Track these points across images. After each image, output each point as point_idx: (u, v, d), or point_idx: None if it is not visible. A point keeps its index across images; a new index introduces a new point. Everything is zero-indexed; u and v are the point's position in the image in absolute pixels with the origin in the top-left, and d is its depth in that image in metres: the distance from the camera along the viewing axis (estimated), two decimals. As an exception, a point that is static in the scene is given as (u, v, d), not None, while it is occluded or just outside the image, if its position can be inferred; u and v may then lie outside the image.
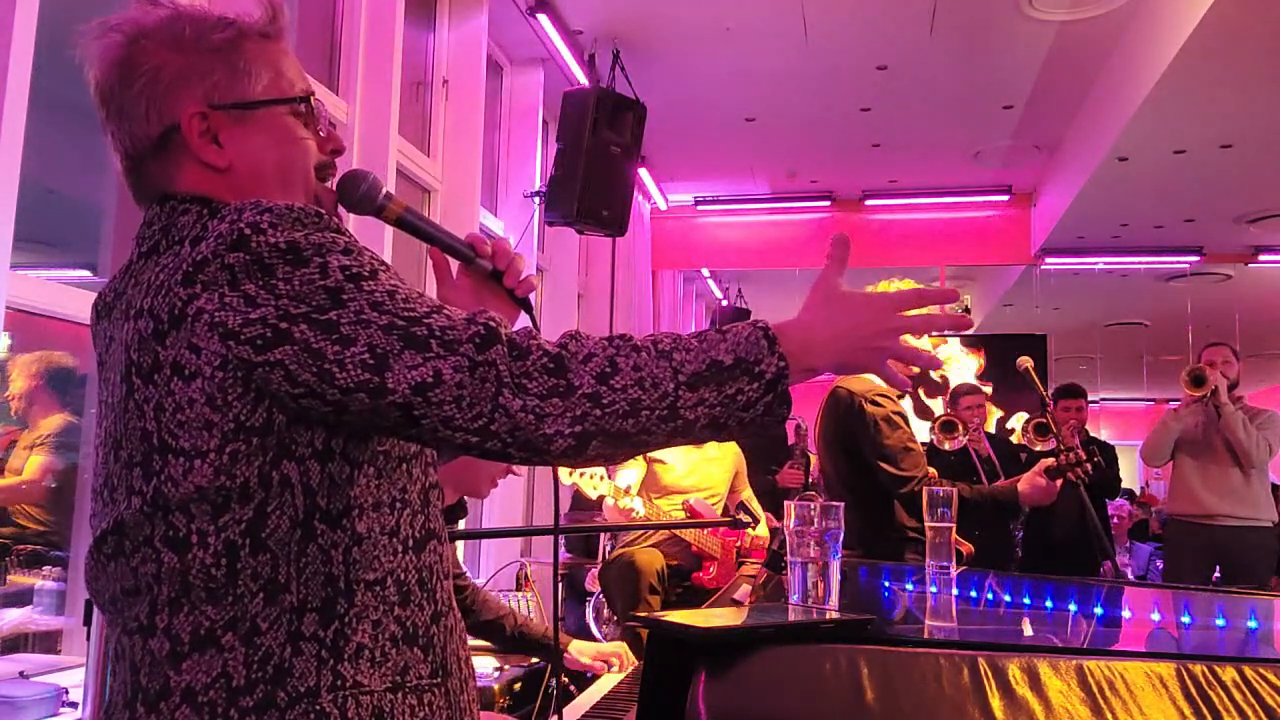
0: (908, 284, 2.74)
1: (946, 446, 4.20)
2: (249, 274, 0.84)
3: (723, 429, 0.89)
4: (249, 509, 0.86)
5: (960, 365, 6.81)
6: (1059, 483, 2.50)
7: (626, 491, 3.36)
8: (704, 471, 3.74)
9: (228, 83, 0.97)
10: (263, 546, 0.86)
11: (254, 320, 0.83)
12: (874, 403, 2.57)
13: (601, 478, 3.30)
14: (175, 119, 0.96)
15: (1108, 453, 4.95)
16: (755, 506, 3.92)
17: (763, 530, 3.72)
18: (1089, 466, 2.50)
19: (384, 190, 1.07)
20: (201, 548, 0.85)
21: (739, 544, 3.65)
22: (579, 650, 2.27)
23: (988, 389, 5.51)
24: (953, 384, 4.99)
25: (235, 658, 0.85)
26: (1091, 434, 5.38)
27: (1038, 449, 4.37)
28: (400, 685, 0.90)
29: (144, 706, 0.86)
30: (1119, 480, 5.61)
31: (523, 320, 1.10)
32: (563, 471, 3.27)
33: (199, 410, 0.85)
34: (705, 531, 3.59)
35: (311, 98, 1.02)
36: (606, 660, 2.26)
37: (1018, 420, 5.93)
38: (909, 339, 0.98)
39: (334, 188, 1.05)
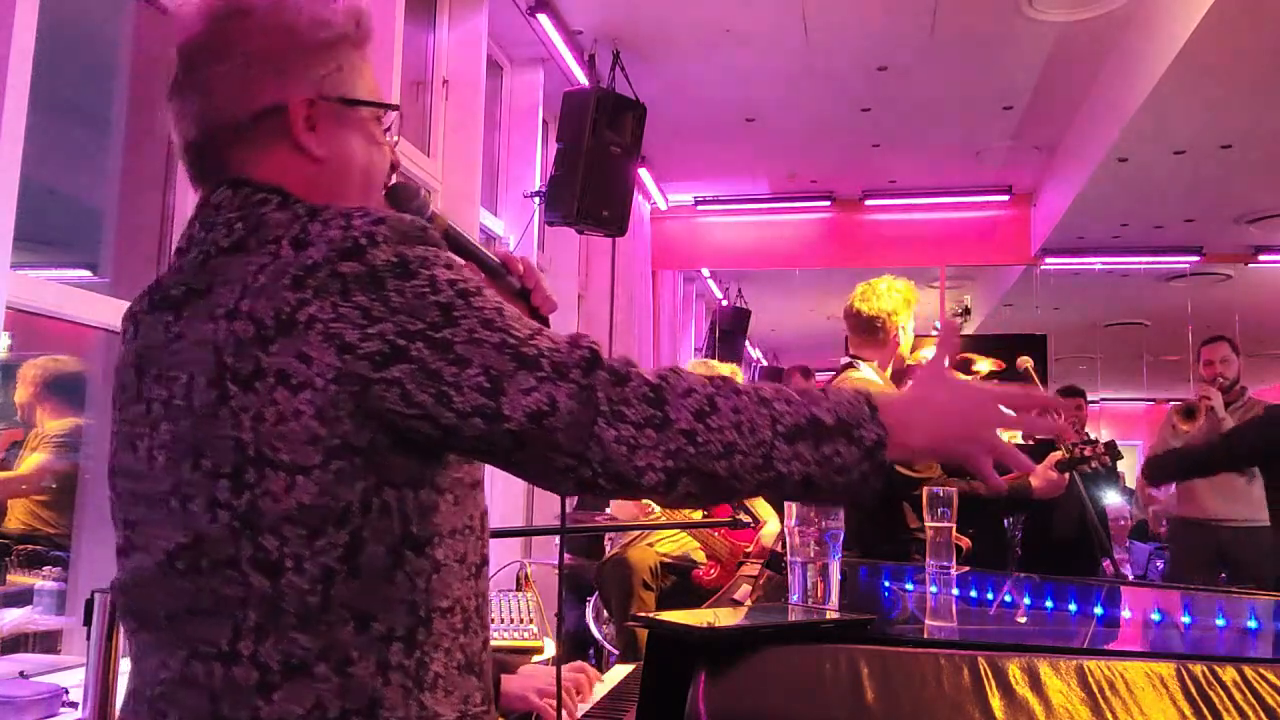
0: (908, 288, 2.74)
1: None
2: (361, 286, 0.82)
3: (816, 490, 0.87)
4: (344, 533, 0.83)
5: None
6: (1067, 475, 2.52)
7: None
8: None
9: (335, 78, 0.97)
10: (358, 573, 0.83)
11: (372, 335, 0.81)
12: None
13: None
14: (282, 101, 0.94)
15: (1110, 447, 4.94)
16: (759, 503, 3.90)
17: (773, 527, 3.71)
18: (1106, 460, 2.52)
19: (430, 206, 1.08)
20: (296, 573, 0.82)
21: (747, 548, 3.64)
22: (521, 688, 1.61)
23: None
24: None
25: (330, 688, 0.82)
26: (1091, 434, 5.38)
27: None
28: (465, 714, 0.90)
29: None
30: (1120, 477, 5.61)
31: None
32: None
33: (305, 423, 0.81)
34: (714, 535, 3.59)
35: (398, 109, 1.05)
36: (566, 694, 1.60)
37: None
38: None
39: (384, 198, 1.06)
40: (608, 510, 3.80)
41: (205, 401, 0.84)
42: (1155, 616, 1.48)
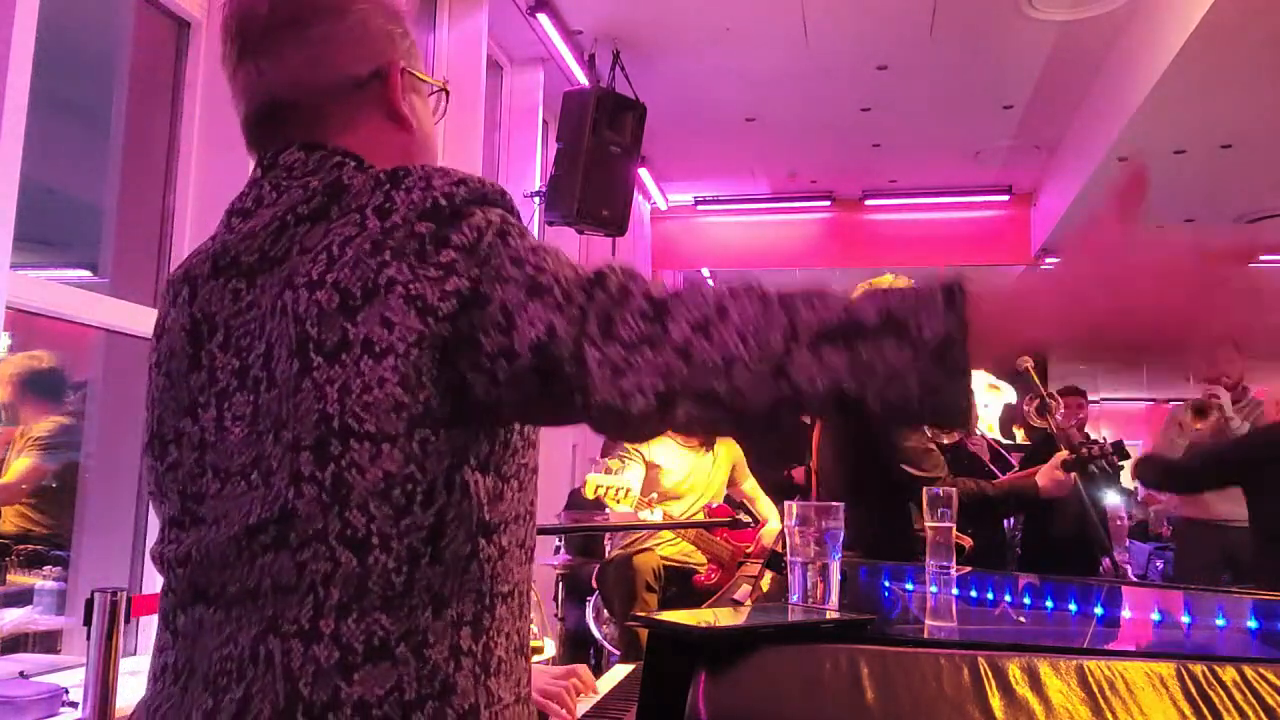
0: (890, 281, 2.73)
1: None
2: (437, 245, 0.80)
3: (856, 407, 0.69)
4: (430, 514, 0.81)
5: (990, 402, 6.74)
6: (1074, 476, 2.51)
7: (650, 504, 3.35)
8: (702, 473, 3.74)
9: (413, 51, 0.99)
10: (440, 557, 0.82)
11: (450, 293, 0.78)
12: None
13: (627, 493, 3.28)
14: (384, 66, 0.95)
15: (1116, 447, 4.93)
16: (761, 501, 3.91)
17: (774, 526, 3.71)
18: (1114, 460, 2.51)
19: None
20: (384, 551, 0.80)
21: (748, 549, 3.64)
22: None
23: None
24: (983, 421, 4.96)
25: (408, 671, 0.81)
26: (1092, 435, 5.38)
27: (1036, 423, 4.35)
28: (519, 697, 0.90)
29: (306, 717, 0.79)
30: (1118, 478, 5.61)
31: None
32: (588, 486, 3.26)
33: (389, 390, 0.78)
34: (716, 539, 3.59)
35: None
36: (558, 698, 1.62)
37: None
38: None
39: None
40: (606, 510, 3.80)
41: (287, 373, 0.81)
42: (1155, 616, 1.48)
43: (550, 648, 2.65)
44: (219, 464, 0.86)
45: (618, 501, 3.26)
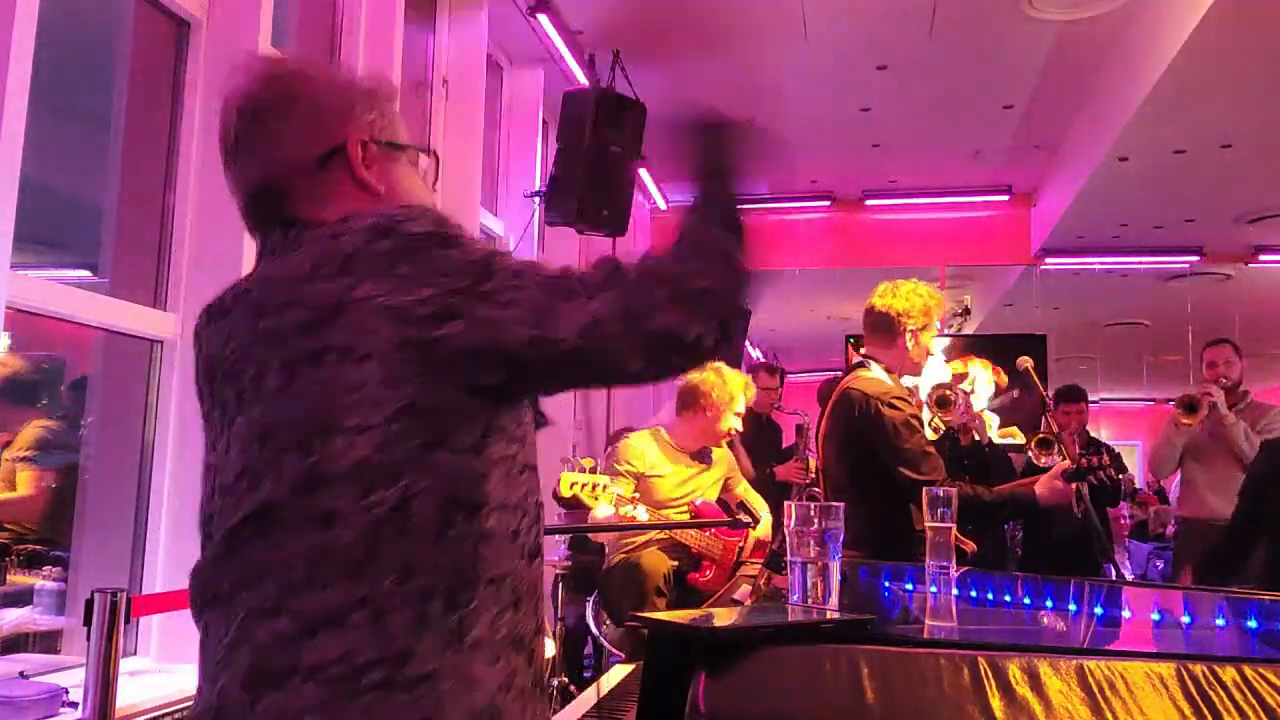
0: (929, 294, 2.72)
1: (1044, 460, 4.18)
2: (403, 257, 0.90)
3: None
4: (396, 489, 0.88)
5: (981, 384, 6.75)
6: (1074, 485, 2.50)
7: (633, 502, 3.32)
8: (696, 481, 3.73)
9: (380, 123, 1.08)
10: (405, 528, 0.88)
11: (425, 300, 0.89)
12: (891, 406, 2.54)
13: (604, 489, 3.25)
14: (340, 141, 1.05)
15: (1116, 460, 4.94)
16: (755, 499, 3.90)
17: (765, 526, 3.70)
18: (1111, 472, 2.50)
19: None
20: (345, 525, 0.87)
21: (741, 544, 3.63)
22: None
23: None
24: (975, 405, 4.96)
25: (362, 636, 0.86)
26: (1092, 434, 5.37)
27: (1041, 463, 4.36)
28: (508, 685, 0.92)
29: (267, 685, 0.86)
30: (1120, 488, 5.60)
31: None
32: (563, 484, 3.23)
33: (373, 389, 0.88)
34: (706, 534, 3.58)
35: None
36: None
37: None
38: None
39: None
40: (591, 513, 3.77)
41: (276, 385, 0.91)
42: (1155, 616, 1.48)
43: (550, 648, 2.65)
44: (221, 483, 0.95)
45: (595, 498, 3.21)
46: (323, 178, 1.04)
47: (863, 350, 2.78)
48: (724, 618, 1.10)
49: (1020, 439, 5.59)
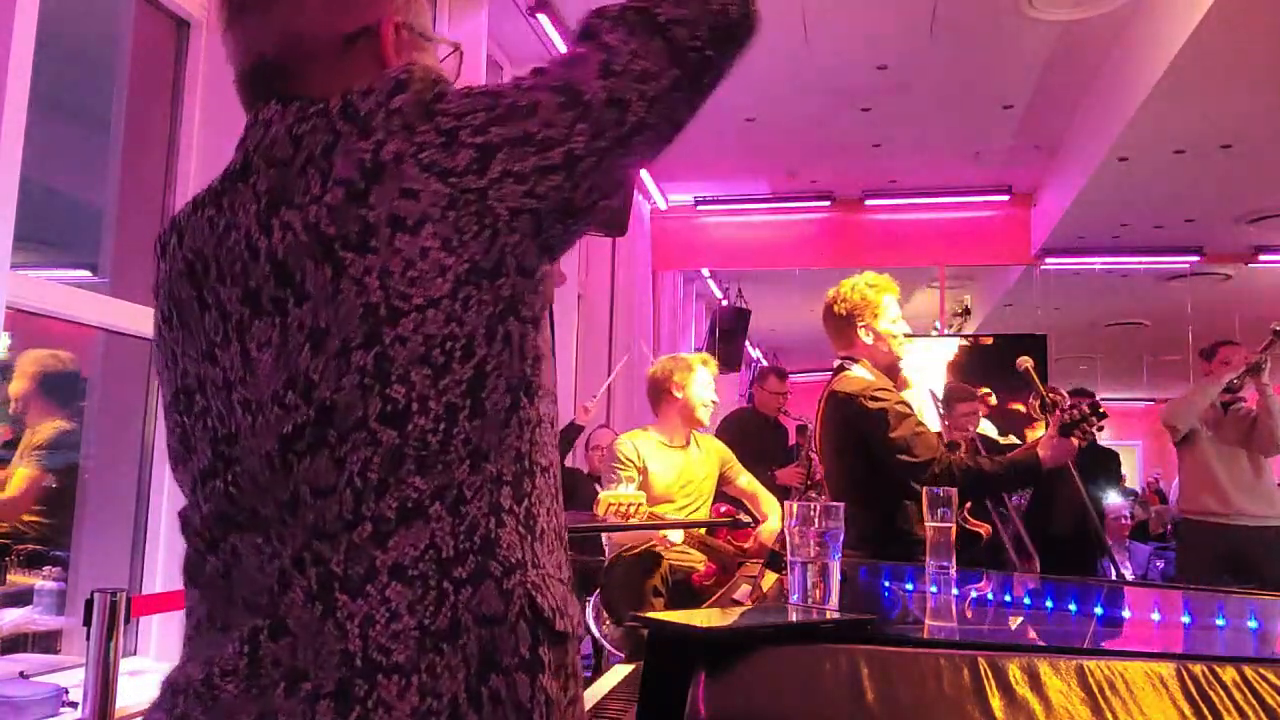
0: (873, 282, 2.73)
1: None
2: (419, 115, 0.82)
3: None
4: (469, 367, 0.80)
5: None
6: (1075, 440, 2.45)
7: (650, 517, 3.34)
8: (692, 474, 3.73)
9: (413, 9, 0.97)
10: (479, 410, 0.81)
11: (458, 149, 0.81)
12: (874, 398, 2.54)
13: (637, 508, 3.27)
14: (375, 20, 0.93)
15: (1113, 460, 4.94)
16: (762, 497, 3.88)
17: (774, 523, 3.69)
18: (1094, 421, 2.45)
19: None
20: (422, 414, 0.79)
21: (745, 545, 3.63)
22: None
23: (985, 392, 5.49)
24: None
25: (443, 528, 0.79)
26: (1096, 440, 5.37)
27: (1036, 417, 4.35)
28: (564, 581, 0.88)
29: (346, 594, 0.78)
30: (1121, 478, 5.61)
31: None
32: (601, 504, 3.26)
33: (434, 258, 0.79)
34: (715, 541, 3.59)
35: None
36: None
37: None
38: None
39: None
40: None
41: (319, 281, 0.80)
42: (1155, 616, 1.48)
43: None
44: (250, 397, 0.83)
45: (627, 519, 3.25)
46: (345, 59, 0.91)
47: (840, 354, 2.79)
48: (724, 618, 1.10)
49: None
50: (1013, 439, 5.80)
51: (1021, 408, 5.69)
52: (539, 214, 0.83)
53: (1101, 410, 2.49)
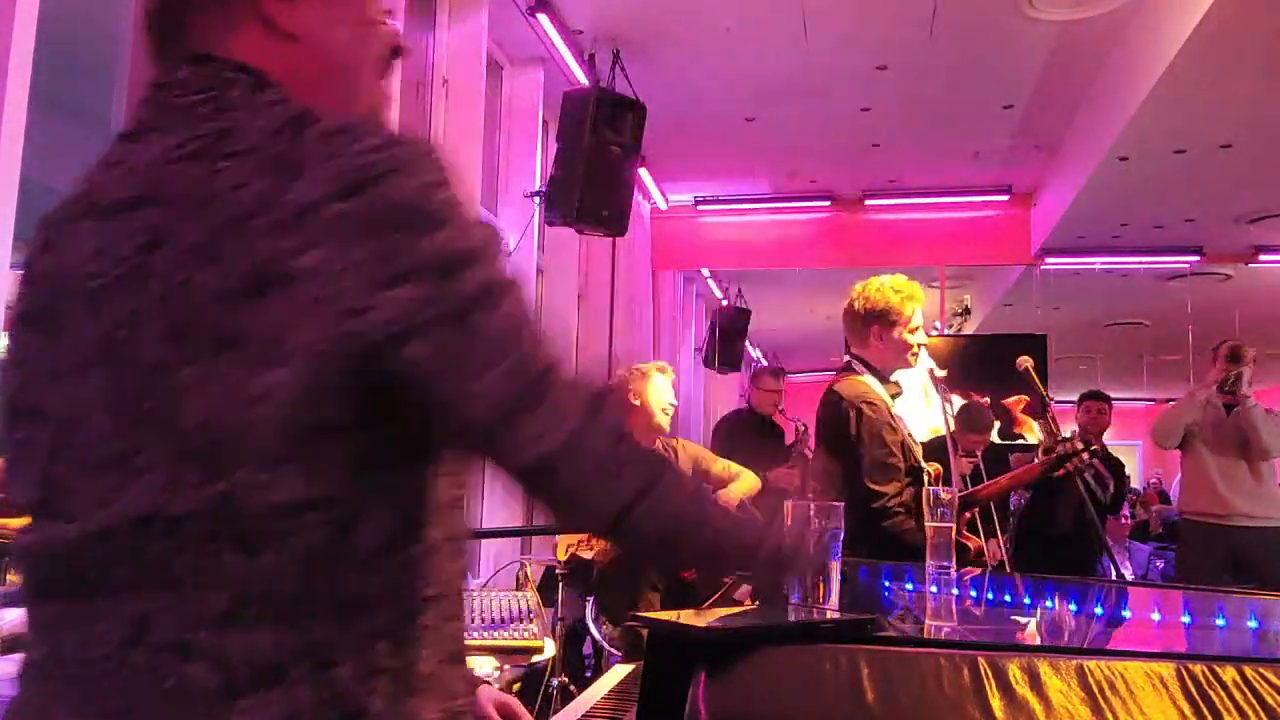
0: (902, 286, 2.72)
1: None
2: (371, 230, 0.67)
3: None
4: (334, 513, 0.70)
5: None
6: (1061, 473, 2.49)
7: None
8: None
9: None
10: (346, 557, 0.70)
11: (389, 297, 0.66)
12: (858, 410, 2.52)
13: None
14: None
15: (1117, 469, 4.94)
16: (733, 465, 3.84)
17: (742, 485, 3.68)
18: (1085, 457, 2.48)
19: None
20: (275, 551, 0.68)
21: None
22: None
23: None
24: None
25: (305, 695, 0.68)
26: (1094, 444, 5.36)
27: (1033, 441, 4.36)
28: (450, 712, 0.78)
29: None
30: (1124, 498, 5.60)
31: None
32: (575, 548, 3.29)
33: (291, 406, 0.67)
34: None
35: None
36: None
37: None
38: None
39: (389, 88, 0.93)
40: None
41: (161, 357, 0.68)
42: (1155, 616, 1.48)
43: (550, 648, 2.65)
44: (80, 455, 0.71)
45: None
46: (224, 10, 0.79)
47: (852, 350, 2.78)
48: (724, 618, 1.10)
49: (1034, 437, 5.60)
50: (1030, 430, 5.81)
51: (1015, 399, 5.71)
52: (410, 412, 0.72)
53: (1095, 449, 2.53)
